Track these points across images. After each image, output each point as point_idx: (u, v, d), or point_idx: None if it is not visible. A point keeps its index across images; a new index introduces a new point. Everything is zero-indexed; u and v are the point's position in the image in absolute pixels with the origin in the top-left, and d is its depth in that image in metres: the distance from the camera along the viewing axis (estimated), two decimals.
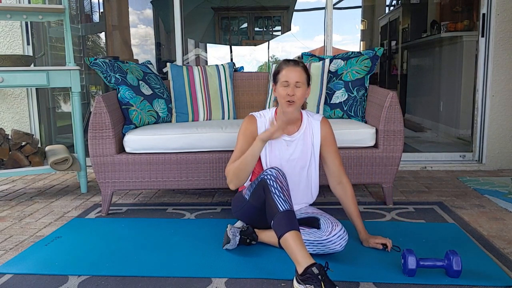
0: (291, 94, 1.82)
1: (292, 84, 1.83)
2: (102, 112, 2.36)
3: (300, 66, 1.87)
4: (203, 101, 2.85)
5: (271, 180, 1.71)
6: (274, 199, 1.66)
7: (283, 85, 1.85)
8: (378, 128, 2.46)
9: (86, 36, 5.51)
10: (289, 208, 1.65)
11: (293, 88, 1.83)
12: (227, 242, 1.89)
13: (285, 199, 1.66)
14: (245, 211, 1.93)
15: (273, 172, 1.74)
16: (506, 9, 3.27)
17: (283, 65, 1.88)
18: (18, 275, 1.73)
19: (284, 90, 1.84)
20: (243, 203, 1.92)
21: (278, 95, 1.89)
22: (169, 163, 2.44)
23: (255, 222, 1.94)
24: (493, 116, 3.39)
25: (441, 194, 2.77)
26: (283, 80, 1.84)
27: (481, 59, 3.40)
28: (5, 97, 3.51)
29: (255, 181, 1.82)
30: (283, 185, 1.71)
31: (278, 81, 1.88)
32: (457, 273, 1.60)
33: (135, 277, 1.70)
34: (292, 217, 1.63)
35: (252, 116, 1.99)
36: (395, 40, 6.69)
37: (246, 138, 1.93)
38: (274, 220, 1.63)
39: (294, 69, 1.84)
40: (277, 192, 1.68)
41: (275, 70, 1.92)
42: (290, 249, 1.56)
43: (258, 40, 7.38)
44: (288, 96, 1.83)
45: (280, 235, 1.59)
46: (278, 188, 1.69)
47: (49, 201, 2.81)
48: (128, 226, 2.26)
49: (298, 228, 1.61)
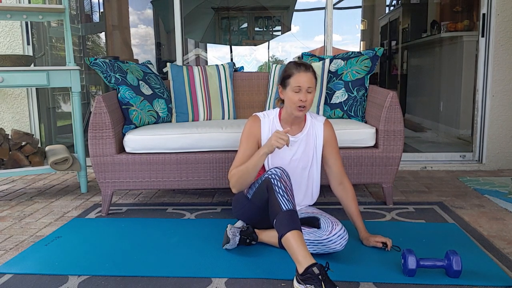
0: (304, 100, 1.81)
1: (304, 89, 1.81)
2: (102, 112, 2.36)
3: (310, 71, 1.84)
4: (203, 101, 2.85)
5: (275, 179, 1.71)
6: (277, 198, 1.66)
7: (294, 90, 1.82)
8: (378, 128, 2.46)
9: (86, 36, 5.51)
10: (292, 208, 1.65)
11: (305, 94, 1.81)
12: (226, 242, 1.89)
13: (288, 198, 1.67)
14: (246, 211, 1.93)
15: (278, 172, 1.73)
16: (506, 9, 3.27)
17: (294, 70, 1.84)
18: (18, 275, 1.73)
19: (295, 95, 1.82)
20: (244, 203, 1.92)
21: (288, 100, 1.86)
22: (169, 163, 2.44)
23: (256, 222, 1.94)
24: (493, 116, 3.39)
25: (441, 194, 2.77)
26: (295, 86, 1.81)
27: (481, 59, 3.40)
28: (5, 97, 3.51)
29: (258, 180, 1.82)
30: (287, 185, 1.71)
31: (287, 85, 1.85)
32: (457, 273, 1.60)
33: (135, 277, 1.70)
34: (295, 217, 1.63)
35: (256, 116, 1.98)
36: (395, 40, 6.68)
37: (249, 140, 1.93)
38: (277, 219, 1.63)
39: (306, 75, 1.82)
40: (280, 192, 1.68)
41: (284, 74, 1.87)
42: (291, 248, 1.56)
43: (258, 40, 7.38)
44: (301, 102, 1.81)
45: (282, 234, 1.59)
46: (282, 187, 1.69)
47: (49, 201, 2.81)
48: (128, 226, 2.26)
49: (300, 228, 1.62)
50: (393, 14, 6.81)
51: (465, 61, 4.38)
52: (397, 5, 6.83)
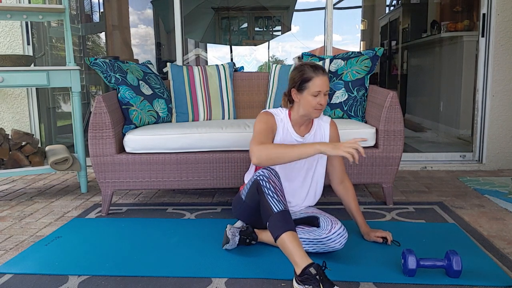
0: (324, 103, 1.83)
1: (323, 93, 1.82)
2: (102, 112, 2.36)
3: (326, 74, 1.85)
4: (203, 101, 2.85)
5: (264, 181, 1.70)
6: (268, 200, 1.66)
7: (313, 94, 1.82)
8: (378, 128, 2.46)
9: (86, 36, 5.51)
10: (284, 208, 1.64)
11: (323, 97, 1.83)
12: (226, 242, 1.89)
13: (279, 199, 1.66)
14: (243, 211, 1.93)
15: (265, 173, 1.73)
16: (506, 9, 3.27)
17: (312, 74, 1.82)
18: (18, 275, 1.73)
19: (314, 99, 1.82)
20: (240, 203, 1.93)
21: (306, 103, 1.84)
22: (169, 163, 2.44)
23: (253, 222, 1.94)
24: (493, 116, 3.39)
25: (441, 194, 2.77)
26: (315, 90, 1.81)
27: (481, 59, 3.40)
28: (5, 97, 3.51)
29: (249, 181, 1.82)
30: (276, 185, 1.70)
31: (305, 89, 1.83)
32: (457, 273, 1.60)
33: (135, 277, 1.70)
34: (287, 217, 1.62)
35: (269, 112, 1.94)
36: (395, 40, 6.68)
37: (268, 127, 1.86)
38: (269, 221, 1.63)
39: (324, 78, 1.82)
40: (270, 193, 1.67)
41: (301, 77, 1.84)
42: (287, 250, 1.56)
43: (258, 40, 7.38)
44: (320, 106, 1.83)
45: (276, 236, 1.59)
46: (272, 188, 1.68)
47: (49, 201, 2.81)
48: (128, 226, 2.26)
49: (294, 228, 1.61)
50: (393, 14, 6.81)
51: (465, 61, 4.38)
52: (397, 5, 6.83)
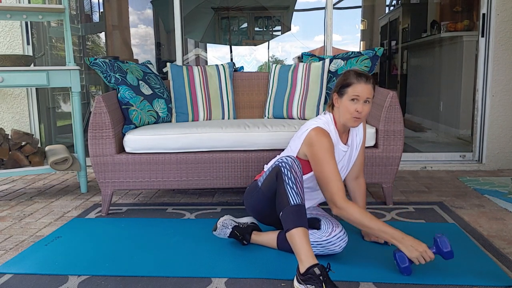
0: (361, 111, 1.77)
1: (362, 99, 1.78)
2: (102, 112, 2.36)
3: (371, 83, 1.80)
4: (203, 101, 2.85)
5: (285, 168, 1.65)
6: (286, 189, 1.62)
7: (351, 99, 1.78)
8: (378, 128, 2.46)
9: (86, 36, 5.51)
10: (300, 202, 1.61)
11: (362, 104, 1.78)
12: (214, 229, 1.94)
13: (297, 191, 1.62)
14: (255, 201, 1.87)
15: (289, 161, 1.67)
16: (506, 9, 3.27)
17: (355, 80, 1.79)
18: (18, 275, 1.73)
19: (352, 105, 1.78)
20: (254, 191, 1.88)
21: (344, 108, 1.81)
22: (169, 163, 2.44)
23: (264, 215, 1.90)
24: (493, 116, 3.39)
25: (441, 194, 2.77)
26: (354, 95, 1.77)
27: (481, 59, 3.40)
28: (5, 97, 3.51)
29: (269, 168, 1.78)
30: (297, 176, 1.65)
31: (345, 94, 1.80)
32: (449, 253, 1.59)
33: (135, 277, 1.70)
34: (302, 213, 1.60)
35: (324, 130, 1.81)
36: (395, 40, 6.69)
37: (333, 155, 1.77)
38: (283, 212, 1.60)
39: (366, 86, 1.77)
40: (290, 183, 1.62)
41: (343, 82, 1.82)
42: (295, 245, 1.55)
43: (258, 40, 7.38)
44: (357, 113, 1.78)
45: (287, 229, 1.58)
46: (292, 179, 1.63)
47: (49, 201, 2.81)
48: (128, 226, 2.26)
49: (307, 225, 1.60)
50: (393, 14, 6.81)
51: (465, 61, 4.38)
52: (397, 5, 6.83)
